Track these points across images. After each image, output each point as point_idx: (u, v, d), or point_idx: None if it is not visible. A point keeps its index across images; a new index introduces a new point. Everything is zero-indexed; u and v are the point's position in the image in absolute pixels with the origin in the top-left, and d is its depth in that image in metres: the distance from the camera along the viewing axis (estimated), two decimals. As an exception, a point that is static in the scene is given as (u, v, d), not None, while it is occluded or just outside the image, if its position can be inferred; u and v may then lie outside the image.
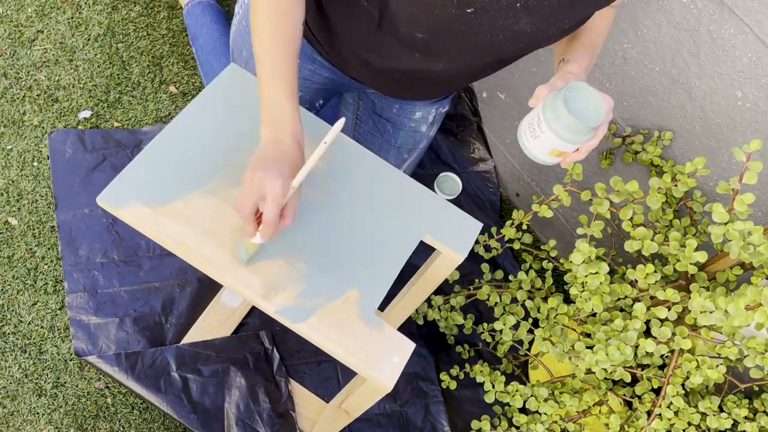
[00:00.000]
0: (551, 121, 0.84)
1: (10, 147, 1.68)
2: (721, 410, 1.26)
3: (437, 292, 1.53)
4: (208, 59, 1.79)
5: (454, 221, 1.07)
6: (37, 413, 1.43)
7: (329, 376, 1.60)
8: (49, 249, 1.59)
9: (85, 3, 1.91)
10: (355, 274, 0.98)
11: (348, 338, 0.93)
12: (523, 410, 1.58)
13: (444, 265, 1.11)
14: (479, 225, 1.08)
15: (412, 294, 1.24)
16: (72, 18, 1.89)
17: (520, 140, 0.91)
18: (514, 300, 1.44)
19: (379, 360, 0.93)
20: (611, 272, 1.47)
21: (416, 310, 1.55)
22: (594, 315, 1.30)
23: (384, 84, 1.21)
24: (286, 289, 0.94)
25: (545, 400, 1.30)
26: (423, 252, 1.19)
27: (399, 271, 1.01)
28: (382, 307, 1.43)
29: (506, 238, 1.40)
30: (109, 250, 1.60)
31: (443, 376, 1.51)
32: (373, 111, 1.38)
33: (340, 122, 0.85)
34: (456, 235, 1.06)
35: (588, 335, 1.30)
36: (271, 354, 1.55)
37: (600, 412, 1.32)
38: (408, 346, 0.96)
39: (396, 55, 1.05)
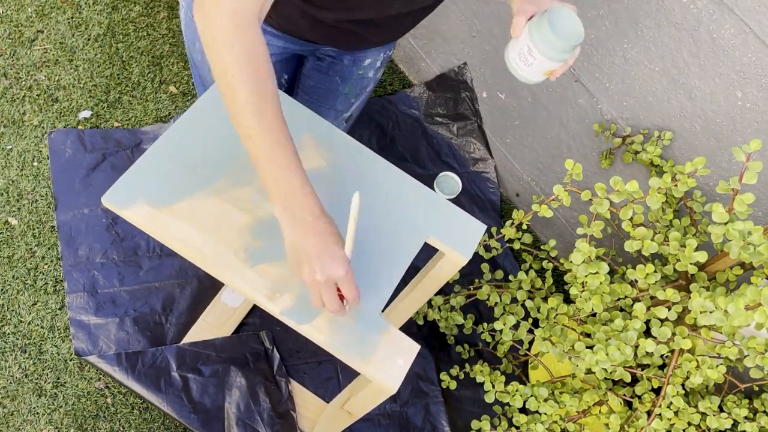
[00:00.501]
0: (542, 46, 0.90)
1: (10, 147, 1.68)
2: (721, 410, 1.26)
3: (437, 292, 1.53)
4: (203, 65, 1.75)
5: (457, 223, 1.07)
6: (37, 413, 1.43)
7: (329, 375, 1.60)
8: (49, 249, 1.59)
9: (85, 3, 1.91)
10: (360, 274, 0.98)
11: (353, 340, 0.93)
12: (523, 410, 1.58)
13: (447, 267, 1.11)
14: (483, 227, 1.08)
15: (415, 295, 1.24)
16: (72, 18, 1.89)
17: (513, 71, 0.96)
18: (514, 300, 1.44)
19: (384, 362, 0.93)
20: (611, 272, 1.47)
21: (416, 311, 1.55)
22: (594, 315, 1.30)
23: (340, 39, 1.18)
24: (291, 290, 0.94)
25: (545, 400, 1.30)
26: (423, 252, 1.19)
27: (403, 273, 1.01)
28: (384, 307, 1.43)
29: (506, 238, 1.40)
30: (109, 251, 1.59)
31: (443, 376, 1.51)
32: (319, 70, 1.36)
33: (356, 198, 0.86)
34: (460, 237, 1.06)
35: (588, 335, 1.30)
36: (272, 354, 1.55)
37: (600, 412, 1.32)
38: (413, 348, 0.96)
39: (353, 5, 1.04)
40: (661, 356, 1.24)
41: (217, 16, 0.81)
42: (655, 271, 1.19)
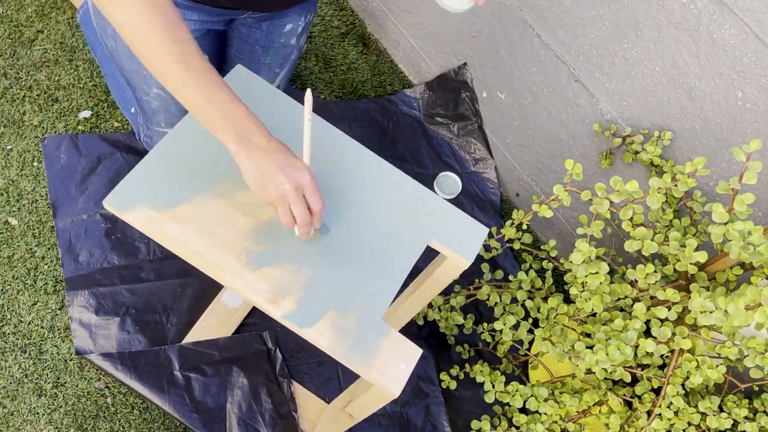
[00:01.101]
0: None
1: (10, 147, 1.68)
2: (721, 410, 1.26)
3: (437, 292, 1.53)
4: (110, 70, 1.68)
5: (460, 226, 1.07)
6: (37, 413, 1.43)
7: (330, 376, 1.60)
8: (49, 249, 1.59)
9: (85, 3, 1.91)
10: (363, 278, 0.98)
11: (355, 343, 0.93)
12: (523, 410, 1.58)
13: (449, 270, 1.10)
14: (485, 230, 1.08)
15: (416, 297, 1.24)
16: (72, 18, 1.89)
17: (445, 6, 1.00)
18: (514, 300, 1.44)
19: (386, 366, 0.93)
20: (611, 272, 1.47)
21: (417, 313, 1.55)
22: (594, 315, 1.30)
23: (253, 0, 1.17)
24: (293, 293, 0.94)
25: (545, 400, 1.30)
26: (424, 253, 1.19)
27: (406, 276, 1.00)
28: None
29: (506, 238, 1.40)
30: (109, 255, 1.59)
31: (443, 376, 1.51)
32: (239, 39, 1.34)
33: (309, 94, 0.88)
34: (462, 240, 1.05)
35: (588, 335, 1.30)
36: (274, 354, 1.55)
37: (600, 412, 1.32)
38: (415, 352, 0.96)
39: None
40: (661, 356, 1.24)
41: None
42: (655, 271, 1.19)
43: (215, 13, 1.19)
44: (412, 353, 0.95)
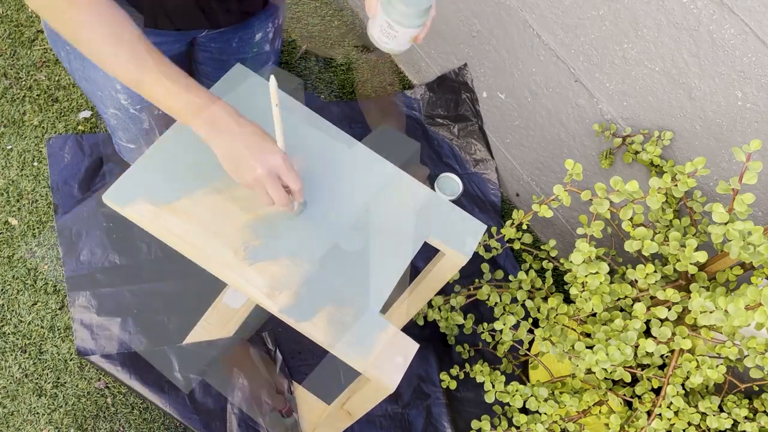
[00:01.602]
0: (399, 18, 0.94)
1: (10, 147, 1.68)
2: (721, 410, 1.26)
3: (437, 292, 1.53)
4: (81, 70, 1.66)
5: (457, 223, 1.07)
6: (37, 413, 1.43)
7: (331, 377, 1.59)
8: (49, 249, 1.59)
9: (85, 3, 1.91)
10: (360, 273, 0.98)
11: (352, 338, 0.93)
12: (523, 410, 1.58)
13: (448, 267, 1.11)
14: (483, 227, 1.08)
15: (416, 295, 1.24)
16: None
17: (380, 46, 0.99)
18: (514, 300, 1.44)
19: (383, 360, 0.93)
20: (611, 272, 1.48)
21: (418, 311, 1.55)
22: (594, 315, 1.30)
23: (212, 16, 1.15)
24: (290, 288, 0.94)
25: (545, 400, 1.30)
26: (424, 253, 1.19)
27: (403, 271, 1.01)
28: (385, 308, 1.43)
29: (506, 238, 1.40)
30: (111, 254, 1.59)
31: (443, 375, 1.51)
32: (212, 58, 1.32)
33: (273, 81, 0.87)
34: (460, 237, 1.06)
35: (588, 335, 1.30)
36: (275, 355, 1.55)
37: (600, 412, 1.32)
38: (412, 346, 0.96)
39: None
40: (661, 356, 1.24)
41: None
42: (655, 271, 1.19)
43: (170, 35, 1.19)
44: (409, 347, 0.96)
